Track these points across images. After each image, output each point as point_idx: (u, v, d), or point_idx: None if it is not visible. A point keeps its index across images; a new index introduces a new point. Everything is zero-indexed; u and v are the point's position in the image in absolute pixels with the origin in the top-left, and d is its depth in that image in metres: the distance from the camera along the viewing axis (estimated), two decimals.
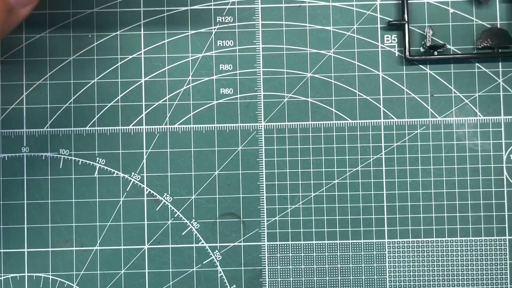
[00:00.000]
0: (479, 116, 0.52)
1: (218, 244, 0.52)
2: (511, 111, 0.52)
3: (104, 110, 0.53)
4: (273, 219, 0.52)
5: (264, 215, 0.52)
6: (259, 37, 0.53)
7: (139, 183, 0.52)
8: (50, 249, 0.52)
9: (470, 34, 0.53)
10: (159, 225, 0.52)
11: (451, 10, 0.53)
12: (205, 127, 0.52)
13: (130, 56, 0.53)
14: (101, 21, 0.53)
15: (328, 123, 0.52)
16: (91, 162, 0.52)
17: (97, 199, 0.52)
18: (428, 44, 0.52)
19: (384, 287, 0.52)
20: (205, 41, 0.53)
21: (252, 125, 0.53)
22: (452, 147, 0.52)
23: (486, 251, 0.52)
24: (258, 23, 0.53)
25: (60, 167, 0.52)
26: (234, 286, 0.52)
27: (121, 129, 0.53)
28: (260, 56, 0.53)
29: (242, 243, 0.52)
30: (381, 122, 0.52)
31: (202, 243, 0.52)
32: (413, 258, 0.52)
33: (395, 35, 0.53)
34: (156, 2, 0.53)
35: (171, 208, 0.52)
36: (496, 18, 0.53)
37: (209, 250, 0.52)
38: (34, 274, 0.52)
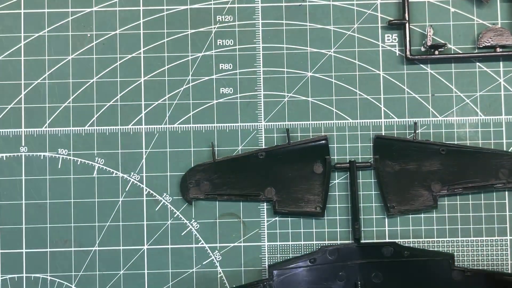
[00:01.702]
0: (480, 115, 0.52)
1: (218, 245, 0.52)
2: None
3: (103, 109, 0.52)
4: (273, 219, 0.52)
5: (264, 215, 0.52)
6: (259, 36, 0.53)
7: (139, 183, 0.52)
8: (48, 250, 0.52)
9: (471, 33, 0.53)
10: (158, 225, 0.52)
11: (452, 10, 0.53)
12: (204, 126, 0.52)
13: (129, 55, 0.53)
14: (100, 20, 0.53)
15: (328, 123, 0.52)
16: (90, 162, 0.52)
17: (96, 199, 0.52)
18: (429, 44, 0.52)
19: None
20: (204, 40, 0.53)
21: (252, 125, 0.52)
22: None
23: (487, 251, 0.52)
24: (258, 22, 0.53)
25: (59, 167, 0.52)
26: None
27: (120, 128, 0.52)
28: (260, 56, 0.53)
29: (242, 244, 0.52)
30: (381, 121, 0.52)
31: (202, 244, 0.52)
32: None
33: (396, 34, 0.53)
34: (155, 0, 0.53)
35: (170, 208, 0.52)
36: (497, 18, 0.53)
37: (209, 251, 0.52)
38: (33, 275, 0.52)
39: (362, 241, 0.51)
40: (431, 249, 0.51)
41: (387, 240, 0.51)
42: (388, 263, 0.49)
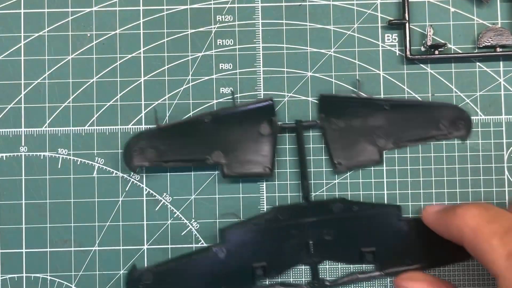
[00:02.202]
0: (480, 115, 0.52)
1: None
2: None
3: (103, 109, 0.52)
4: None
5: None
6: (259, 36, 0.53)
7: (138, 183, 0.52)
8: (48, 250, 0.52)
9: (471, 33, 0.53)
10: (158, 225, 0.52)
11: (452, 9, 0.53)
12: None
13: (129, 55, 0.53)
14: (100, 20, 0.53)
15: None
16: (90, 162, 0.52)
17: (96, 199, 0.52)
18: (429, 43, 0.52)
19: None
20: (205, 40, 0.53)
21: None
22: (453, 147, 0.52)
23: None
24: (258, 22, 0.53)
25: (59, 166, 0.52)
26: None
27: (120, 128, 0.52)
28: (260, 55, 0.53)
29: None
30: None
31: (202, 244, 0.52)
32: None
33: (396, 34, 0.53)
34: (155, 0, 0.53)
35: (170, 208, 0.52)
36: (497, 17, 0.53)
37: None
38: (32, 275, 0.51)
39: (312, 199, 0.51)
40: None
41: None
42: (338, 219, 0.50)
